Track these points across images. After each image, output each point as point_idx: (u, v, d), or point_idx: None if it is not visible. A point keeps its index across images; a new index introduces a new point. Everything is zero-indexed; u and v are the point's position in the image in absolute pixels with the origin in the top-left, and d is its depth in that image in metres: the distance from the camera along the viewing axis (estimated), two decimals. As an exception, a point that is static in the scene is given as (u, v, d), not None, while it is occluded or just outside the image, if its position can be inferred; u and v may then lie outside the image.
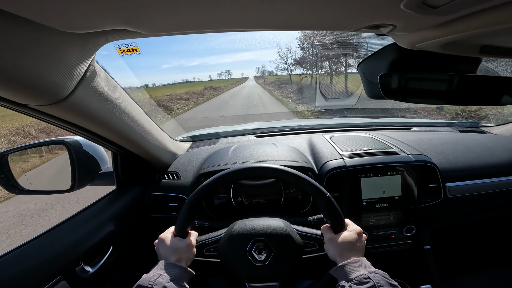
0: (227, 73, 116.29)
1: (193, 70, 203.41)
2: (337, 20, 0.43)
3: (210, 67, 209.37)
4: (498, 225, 1.40)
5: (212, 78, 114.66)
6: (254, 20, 0.42)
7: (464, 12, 0.36)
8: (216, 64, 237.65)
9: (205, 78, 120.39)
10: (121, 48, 0.73)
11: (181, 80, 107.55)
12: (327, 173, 1.01)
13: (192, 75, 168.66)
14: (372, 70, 0.72)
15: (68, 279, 0.71)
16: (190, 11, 0.37)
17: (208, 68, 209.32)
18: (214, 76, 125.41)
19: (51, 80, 0.48)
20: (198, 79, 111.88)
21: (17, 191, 0.92)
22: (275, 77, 48.37)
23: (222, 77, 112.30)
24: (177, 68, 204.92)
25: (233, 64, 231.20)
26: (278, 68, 45.90)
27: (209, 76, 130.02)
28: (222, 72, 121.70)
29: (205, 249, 0.74)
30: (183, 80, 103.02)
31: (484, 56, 0.59)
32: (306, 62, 24.23)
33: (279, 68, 44.46)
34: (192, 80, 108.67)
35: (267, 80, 50.59)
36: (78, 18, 0.37)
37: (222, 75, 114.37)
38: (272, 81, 40.40)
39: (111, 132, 0.77)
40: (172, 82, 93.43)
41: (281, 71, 42.56)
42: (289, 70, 34.42)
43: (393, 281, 0.56)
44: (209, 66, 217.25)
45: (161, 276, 0.58)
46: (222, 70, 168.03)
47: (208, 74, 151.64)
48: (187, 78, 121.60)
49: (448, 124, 1.59)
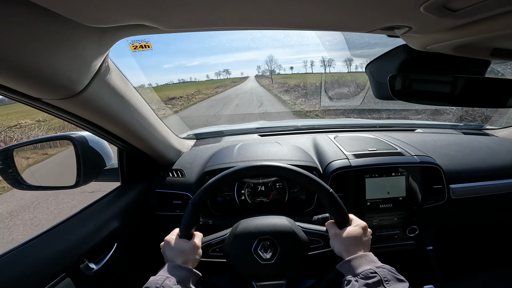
0: (226, 72, 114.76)
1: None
2: (354, 20, 0.42)
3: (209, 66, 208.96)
4: (501, 227, 1.40)
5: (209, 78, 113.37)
6: (270, 18, 0.42)
7: (481, 16, 0.36)
8: (217, 64, 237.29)
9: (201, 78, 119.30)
10: (134, 44, 0.72)
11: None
12: (332, 173, 1.01)
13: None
14: (380, 71, 0.71)
15: (72, 276, 0.71)
16: (211, 8, 0.37)
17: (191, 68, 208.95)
18: (211, 75, 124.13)
19: (68, 74, 0.48)
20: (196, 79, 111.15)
21: (22, 187, 0.92)
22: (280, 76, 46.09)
23: (220, 76, 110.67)
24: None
25: (232, 64, 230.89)
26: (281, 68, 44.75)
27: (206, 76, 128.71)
28: (220, 71, 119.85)
29: (211, 250, 0.74)
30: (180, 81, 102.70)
31: (494, 59, 0.59)
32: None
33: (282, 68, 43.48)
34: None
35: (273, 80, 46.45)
36: (100, 12, 0.37)
37: (220, 75, 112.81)
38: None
39: (120, 128, 0.77)
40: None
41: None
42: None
43: (400, 276, 0.56)
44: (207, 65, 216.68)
45: (168, 279, 0.59)
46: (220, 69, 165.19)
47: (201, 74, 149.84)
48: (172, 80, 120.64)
49: (452, 126, 1.59)
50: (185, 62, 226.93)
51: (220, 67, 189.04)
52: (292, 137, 1.36)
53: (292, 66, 67.10)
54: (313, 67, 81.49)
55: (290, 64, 58.76)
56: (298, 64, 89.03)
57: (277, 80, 40.55)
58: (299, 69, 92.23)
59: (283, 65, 52.42)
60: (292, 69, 68.96)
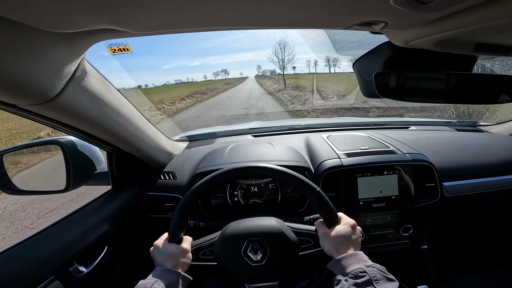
0: (224, 72, 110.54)
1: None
2: (327, 17, 0.42)
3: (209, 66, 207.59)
4: (495, 225, 1.40)
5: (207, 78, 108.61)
6: (241, 18, 0.41)
7: (455, 8, 0.36)
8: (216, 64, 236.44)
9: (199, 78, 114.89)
10: (112, 48, 0.72)
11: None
12: (324, 172, 1.00)
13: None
14: (367, 68, 0.71)
15: (61, 279, 0.71)
16: (175, 9, 0.36)
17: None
18: (209, 76, 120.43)
19: (39, 79, 0.47)
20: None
21: (12, 191, 0.92)
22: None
23: (218, 77, 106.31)
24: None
25: (231, 64, 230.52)
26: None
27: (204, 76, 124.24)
28: (218, 72, 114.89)
29: (201, 253, 0.73)
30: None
31: (478, 53, 0.59)
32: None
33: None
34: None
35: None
36: (61, 18, 0.37)
37: (218, 75, 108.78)
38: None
39: (103, 131, 0.77)
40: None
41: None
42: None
43: (390, 275, 0.56)
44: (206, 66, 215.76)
45: (157, 282, 0.58)
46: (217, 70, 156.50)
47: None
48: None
49: (446, 123, 1.59)
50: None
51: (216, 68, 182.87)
52: (285, 137, 1.36)
53: (295, 66, 63.20)
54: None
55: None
56: (301, 64, 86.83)
57: (289, 83, 29.72)
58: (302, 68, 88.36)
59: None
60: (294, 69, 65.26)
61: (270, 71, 66.77)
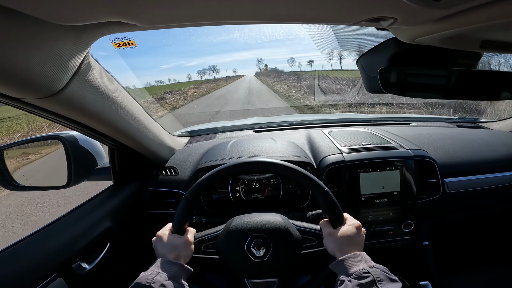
0: (213, 70, 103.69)
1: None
2: (337, 12, 0.41)
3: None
4: (496, 221, 1.41)
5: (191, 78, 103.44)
6: (251, 12, 0.41)
7: (466, 6, 0.36)
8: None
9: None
10: (117, 42, 0.71)
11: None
12: (326, 168, 1.01)
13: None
14: (371, 64, 0.71)
15: (64, 276, 0.71)
16: (188, 2, 0.36)
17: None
18: (194, 76, 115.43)
19: (44, 73, 0.47)
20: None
21: (13, 187, 0.91)
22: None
23: (204, 76, 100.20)
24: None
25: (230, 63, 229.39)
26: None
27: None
28: (204, 69, 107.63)
29: (203, 246, 0.73)
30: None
31: (484, 50, 0.58)
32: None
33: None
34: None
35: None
36: (71, 10, 0.36)
37: (205, 73, 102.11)
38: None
39: (106, 126, 0.76)
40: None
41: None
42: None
43: (393, 276, 0.56)
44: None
45: (159, 274, 0.58)
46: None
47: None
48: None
49: (447, 120, 1.59)
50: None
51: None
52: (286, 133, 1.35)
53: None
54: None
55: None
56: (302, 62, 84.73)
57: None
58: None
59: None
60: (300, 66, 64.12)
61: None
